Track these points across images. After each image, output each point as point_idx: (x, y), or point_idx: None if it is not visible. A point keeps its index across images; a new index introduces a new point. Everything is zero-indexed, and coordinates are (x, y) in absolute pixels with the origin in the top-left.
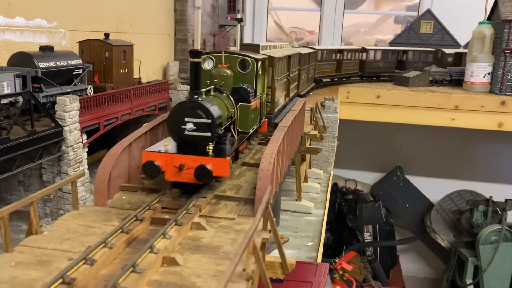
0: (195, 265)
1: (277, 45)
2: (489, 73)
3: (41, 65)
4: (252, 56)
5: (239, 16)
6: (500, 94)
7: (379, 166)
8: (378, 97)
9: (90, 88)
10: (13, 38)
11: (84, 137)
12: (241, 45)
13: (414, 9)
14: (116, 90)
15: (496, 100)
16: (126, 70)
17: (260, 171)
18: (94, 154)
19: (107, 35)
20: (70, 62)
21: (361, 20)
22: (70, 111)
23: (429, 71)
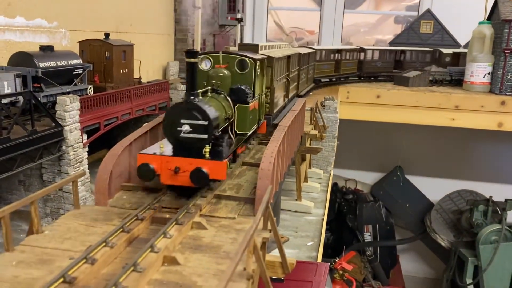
0: (196, 264)
1: (276, 45)
2: (489, 73)
3: (42, 65)
4: (250, 56)
5: (239, 16)
6: (500, 94)
7: (379, 166)
8: (378, 97)
9: (90, 88)
10: (14, 38)
11: (85, 137)
12: (240, 45)
13: (414, 9)
14: (116, 90)
15: (496, 100)
16: (126, 70)
17: (261, 171)
18: (95, 154)
19: (107, 35)
20: (71, 62)
21: (361, 20)
22: (71, 111)
23: (429, 71)
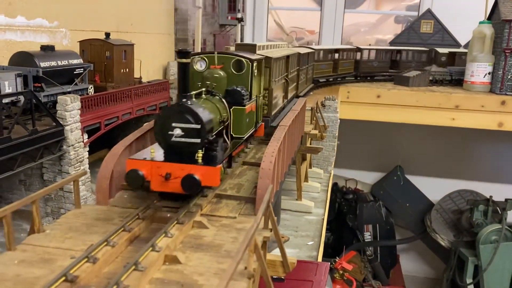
0: (197, 263)
1: (275, 45)
2: (489, 73)
3: (42, 65)
4: (247, 57)
5: (240, 16)
6: (500, 94)
7: (379, 166)
8: (379, 97)
9: (91, 88)
10: (14, 38)
11: (85, 137)
12: (237, 45)
13: (415, 9)
14: (117, 90)
15: (496, 100)
16: (127, 70)
17: (261, 170)
18: (95, 154)
19: (108, 35)
20: (71, 62)
21: (362, 20)
22: (71, 111)
23: (429, 71)
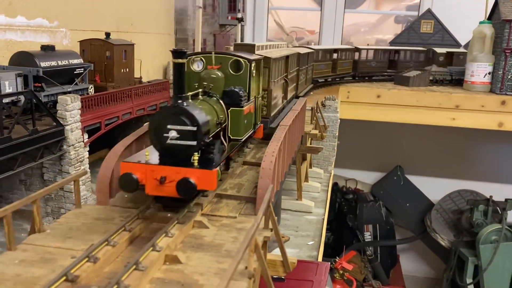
0: (197, 263)
1: (274, 45)
2: (490, 73)
3: (43, 65)
4: (245, 57)
5: (240, 16)
6: (501, 94)
7: (380, 166)
8: (379, 97)
9: (91, 88)
10: (15, 38)
11: (85, 136)
12: (235, 45)
13: (415, 9)
14: (117, 90)
15: (497, 100)
16: (127, 70)
17: (262, 170)
18: (95, 153)
19: (108, 35)
20: (71, 62)
21: (362, 20)
22: (72, 110)
23: (430, 71)
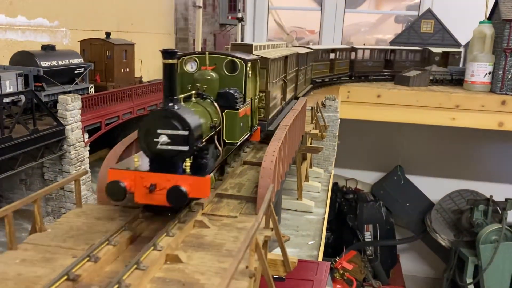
0: (198, 263)
1: (273, 45)
2: (490, 73)
3: (43, 64)
4: (241, 57)
5: (240, 15)
6: (501, 94)
7: (380, 166)
8: (379, 97)
9: (92, 87)
10: (15, 37)
11: (86, 136)
12: (232, 45)
13: (415, 9)
14: (118, 89)
15: (497, 100)
16: (127, 69)
17: (262, 169)
18: (96, 153)
19: (108, 34)
20: (72, 61)
21: (362, 20)
22: (72, 110)
23: (430, 71)
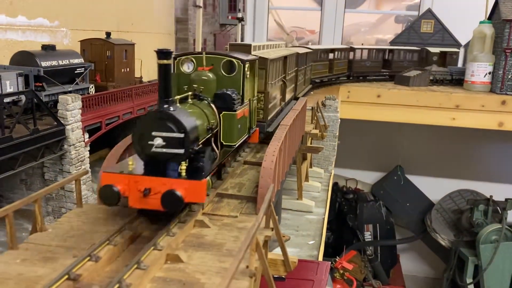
0: (199, 262)
1: (272, 45)
2: (490, 73)
3: (43, 64)
4: (238, 57)
5: (240, 15)
6: (501, 94)
7: (380, 166)
8: (379, 97)
9: (92, 87)
10: (15, 37)
11: (86, 136)
12: (231, 45)
13: (415, 9)
14: (118, 89)
15: (497, 100)
16: (128, 69)
17: (263, 169)
18: (96, 153)
19: (109, 34)
20: (72, 61)
21: (362, 20)
22: (72, 110)
23: (430, 71)
